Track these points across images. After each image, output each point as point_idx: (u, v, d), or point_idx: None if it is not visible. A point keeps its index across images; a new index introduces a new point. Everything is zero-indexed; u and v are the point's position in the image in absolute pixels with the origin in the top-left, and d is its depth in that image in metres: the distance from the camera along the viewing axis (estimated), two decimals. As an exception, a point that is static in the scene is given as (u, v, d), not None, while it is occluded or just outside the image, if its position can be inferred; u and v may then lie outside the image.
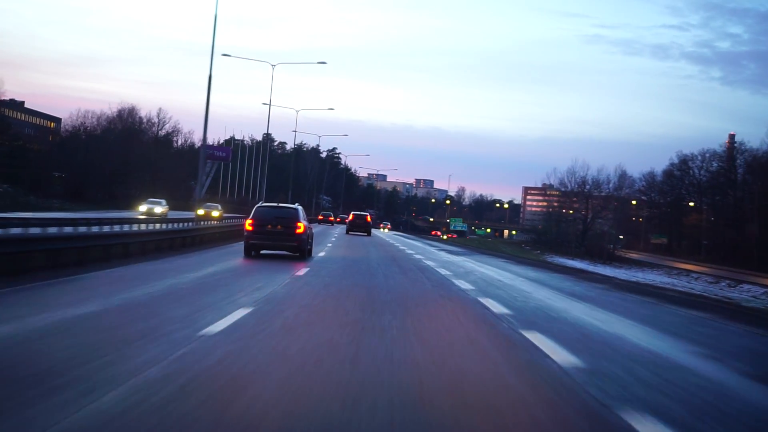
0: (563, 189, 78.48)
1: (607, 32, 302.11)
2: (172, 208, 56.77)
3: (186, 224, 32.60)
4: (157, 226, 28.96)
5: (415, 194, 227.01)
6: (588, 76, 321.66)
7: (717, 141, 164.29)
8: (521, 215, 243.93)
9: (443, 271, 21.73)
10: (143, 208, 52.32)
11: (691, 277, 51.80)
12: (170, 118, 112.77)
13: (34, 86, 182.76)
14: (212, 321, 9.36)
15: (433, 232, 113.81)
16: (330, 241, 37.03)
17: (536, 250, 63.18)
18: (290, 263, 20.48)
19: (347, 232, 49.78)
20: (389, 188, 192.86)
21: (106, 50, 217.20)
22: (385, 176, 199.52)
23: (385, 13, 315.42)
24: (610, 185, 77.57)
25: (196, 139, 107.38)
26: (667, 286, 35.19)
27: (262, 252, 22.87)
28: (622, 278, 34.52)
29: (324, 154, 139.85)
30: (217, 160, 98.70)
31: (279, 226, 22.17)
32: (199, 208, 43.41)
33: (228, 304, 11.24)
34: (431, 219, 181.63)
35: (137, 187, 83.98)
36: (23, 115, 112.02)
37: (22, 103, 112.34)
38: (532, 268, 29.61)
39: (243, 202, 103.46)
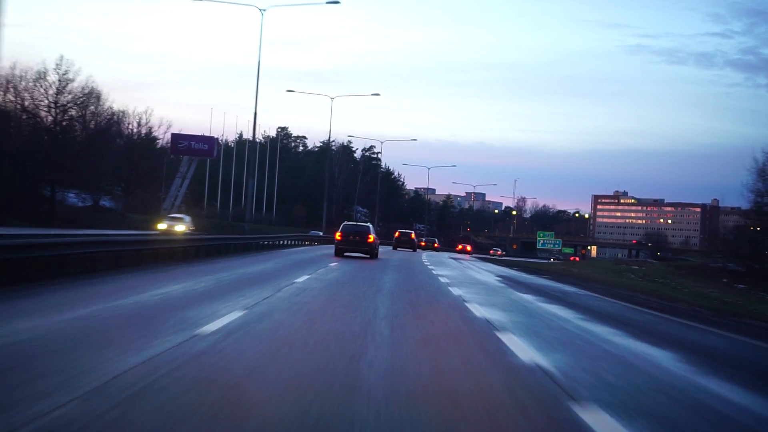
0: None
1: (650, 42, 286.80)
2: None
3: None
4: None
5: (470, 207, 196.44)
6: (632, 87, 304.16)
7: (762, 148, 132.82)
8: (591, 227, 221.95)
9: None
10: None
11: None
12: (80, 73, 59.01)
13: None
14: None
15: (573, 258, 77.27)
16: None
17: (753, 290, 31.62)
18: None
19: (394, 248, 54.08)
20: (439, 201, 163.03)
21: (151, 74, 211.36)
22: (434, 189, 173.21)
23: (425, 29, 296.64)
24: None
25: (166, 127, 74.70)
26: None
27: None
28: None
29: (358, 154, 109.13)
30: (195, 156, 68.40)
31: (357, 237, 33.34)
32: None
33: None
34: (496, 233, 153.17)
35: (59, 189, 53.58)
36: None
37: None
38: None
39: (238, 217, 71.78)
